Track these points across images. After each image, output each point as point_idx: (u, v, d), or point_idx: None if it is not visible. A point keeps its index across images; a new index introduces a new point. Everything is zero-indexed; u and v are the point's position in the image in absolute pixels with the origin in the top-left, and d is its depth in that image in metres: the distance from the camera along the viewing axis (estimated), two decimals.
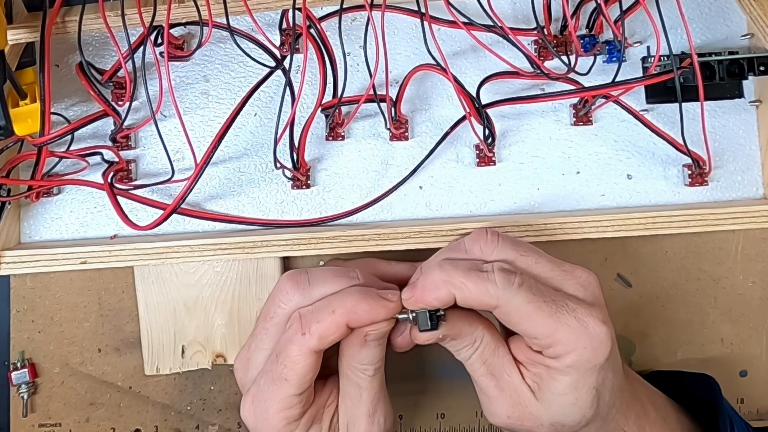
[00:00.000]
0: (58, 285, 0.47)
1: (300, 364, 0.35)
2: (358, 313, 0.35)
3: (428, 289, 0.35)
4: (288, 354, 0.35)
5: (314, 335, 0.35)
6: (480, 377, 0.37)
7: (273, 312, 0.37)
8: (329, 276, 0.37)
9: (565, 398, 0.35)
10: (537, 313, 0.34)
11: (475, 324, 0.36)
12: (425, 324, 0.35)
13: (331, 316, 0.35)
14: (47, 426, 0.46)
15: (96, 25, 0.43)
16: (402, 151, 0.47)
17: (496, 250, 0.36)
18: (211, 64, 0.47)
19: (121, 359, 0.47)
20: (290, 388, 0.35)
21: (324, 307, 0.35)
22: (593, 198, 0.46)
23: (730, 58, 0.44)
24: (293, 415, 0.36)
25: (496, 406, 0.36)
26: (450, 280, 0.35)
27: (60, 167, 0.46)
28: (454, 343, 0.37)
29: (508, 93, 0.46)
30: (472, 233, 0.38)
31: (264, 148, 0.47)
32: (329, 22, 0.45)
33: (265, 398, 0.36)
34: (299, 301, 0.36)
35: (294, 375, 0.35)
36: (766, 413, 0.46)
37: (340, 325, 0.35)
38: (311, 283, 0.37)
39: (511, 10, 0.47)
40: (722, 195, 0.46)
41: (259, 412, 0.36)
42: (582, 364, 0.34)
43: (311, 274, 0.37)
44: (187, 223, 0.46)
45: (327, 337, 0.35)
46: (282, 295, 0.37)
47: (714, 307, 0.46)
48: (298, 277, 0.37)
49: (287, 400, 0.35)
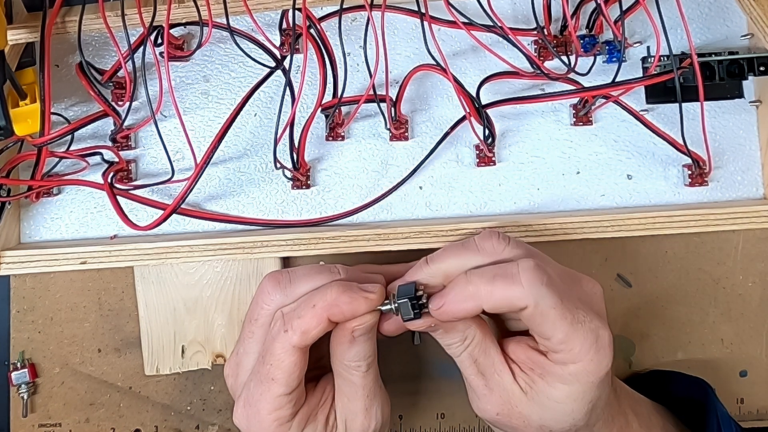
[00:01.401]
0: (58, 285, 0.47)
1: (285, 361, 0.35)
2: (339, 306, 0.35)
3: (456, 302, 0.35)
4: (273, 353, 0.35)
5: (296, 331, 0.34)
6: (469, 375, 0.37)
7: (257, 314, 0.37)
8: (310, 273, 0.37)
9: (561, 407, 0.35)
10: (560, 319, 0.34)
11: (468, 321, 0.36)
12: (408, 313, 0.35)
13: (312, 311, 0.35)
14: (47, 426, 0.46)
15: (96, 25, 0.43)
16: (402, 151, 0.47)
17: (507, 248, 0.36)
18: (211, 64, 0.47)
19: (121, 359, 0.47)
20: (279, 388, 0.35)
21: (305, 302, 0.35)
22: (593, 198, 0.46)
23: (730, 58, 0.44)
24: (285, 415, 0.36)
25: (485, 403, 0.37)
26: (477, 292, 0.34)
27: (60, 167, 0.46)
28: (445, 337, 0.36)
29: (508, 93, 0.46)
30: (482, 233, 0.37)
31: (264, 148, 0.47)
32: (329, 22, 0.45)
33: (256, 401, 0.36)
34: (281, 300, 0.36)
35: (281, 373, 0.35)
36: (766, 413, 0.46)
37: (321, 319, 0.34)
38: (292, 281, 0.37)
39: (511, 10, 0.47)
40: (722, 195, 0.46)
41: (251, 415, 0.36)
42: (585, 376, 0.34)
43: (292, 273, 0.37)
44: (187, 223, 0.46)
45: (309, 332, 0.35)
46: (264, 296, 0.37)
47: (714, 307, 0.46)
48: (278, 277, 0.37)
49: (277, 401, 0.35)
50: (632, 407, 0.40)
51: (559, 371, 0.34)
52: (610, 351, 0.35)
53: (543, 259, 0.37)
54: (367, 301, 0.35)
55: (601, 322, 0.35)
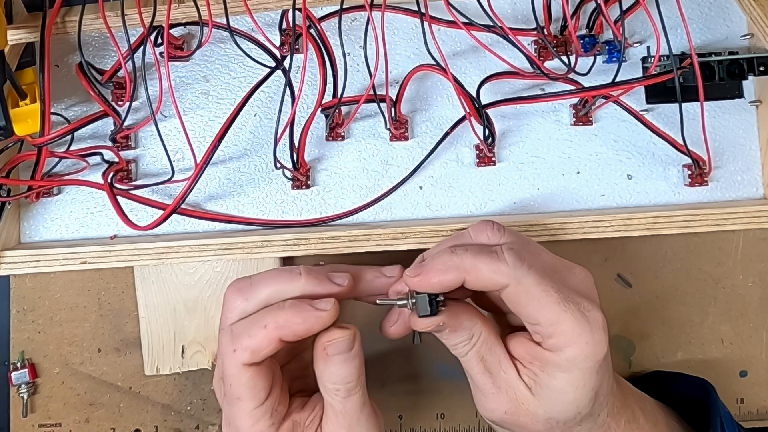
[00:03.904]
0: (58, 285, 0.47)
1: (242, 379, 0.34)
2: (290, 327, 0.34)
3: (436, 271, 0.34)
4: (227, 372, 0.35)
5: (246, 351, 0.34)
6: (476, 374, 0.37)
7: (223, 323, 0.37)
8: (270, 276, 0.36)
9: (563, 396, 0.35)
10: (545, 297, 0.34)
11: (474, 319, 0.36)
12: (425, 309, 0.35)
13: (263, 331, 0.34)
14: (47, 426, 0.46)
15: (96, 25, 0.43)
16: (402, 151, 0.47)
17: (502, 239, 0.36)
18: (211, 64, 0.47)
19: (121, 359, 0.47)
20: (247, 404, 0.35)
21: (256, 321, 0.35)
22: (593, 198, 0.46)
23: (730, 58, 0.44)
24: (264, 428, 0.35)
25: (492, 402, 0.36)
26: (461, 263, 0.34)
27: (60, 167, 0.46)
28: (452, 336, 0.36)
29: (508, 93, 0.46)
30: (477, 224, 0.38)
31: (264, 148, 0.47)
32: (329, 22, 0.45)
33: (233, 419, 0.35)
34: (244, 306, 0.36)
35: (243, 391, 0.34)
36: (766, 413, 0.46)
37: (272, 339, 0.34)
38: (252, 285, 0.36)
39: (511, 10, 0.47)
40: (722, 195, 0.46)
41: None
42: (581, 360, 0.34)
43: (254, 278, 0.37)
44: (187, 223, 0.46)
45: (260, 351, 0.34)
46: (227, 303, 0.36)
47: (714, 307, 0.46)
48: (239, 284, 0.36)
49: (251, 415, 0.35)
50: (638, 402, 0.40)
51: (556, 359, 0.34)
52: (604, 333, 0.34)
53: (536, 247, 0.37)
54: (320, 321, 0.34)
55: (591, 304, 0.35)
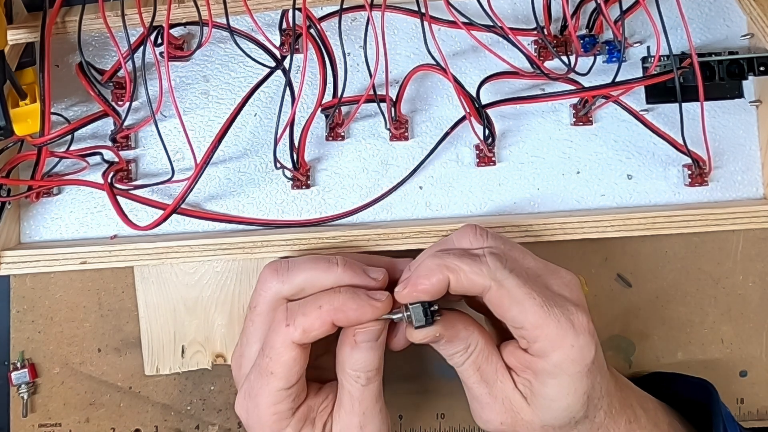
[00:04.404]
0: (58, 285, 0.47)
1: (285, 356, 0.35)
2: (345, 312, 0.35)
3: (422, 275, 0.35)
4: (272, 346, 0.35)
5: (298, 328, 0.35)
6: (473, 384, 0.37)
7: (256, 301, 0.37)
8: (309, 261, 0.37)
9: (556, 403, 0.35)
10: (528, 300, 0.34)
11: (471, 328, 0.36)
12: (420, 319, 0.35)
13: (317, 311, 0.35)
14: (47, 426, 0.46)
15: (96, 25, 0.43)
16: (402, 151, 0.47)
17: (485, 243, 0.37)
18: (211, 64, 0.47)
19: (121, 359, 0.47)
20: (277, 382, 0.35)
21: (312, 301, 0.35)
22: (593, 198, 0.46)
23: (730, 58, 0.44)
24: (283, 410, 0.36)
25: (489, 413, 0.36)
26: (444, 264, 0.35)
27: (60, 167, 0.46)
28: (449, 347, 0.36)
29: (508, 93, 0.46)
30: (460, 228, 0.38)
31: (264, 148, 0.47)
32: (329, 22, 0.45)
33: (255, 393, 0.36)
34: (278, 288, 0.37)
35: (280, 368, 0.35)
36: (766, 413, 0.46)
37: (325, 322, 0.35)
38: (290, 269, 0.37)
39: (511, 10, 0.47)
40: (722, 195, 0.46)
41: (251, 408, 0.36)
42: (568, 365, 0.34)
43: (291, 262, 0.37)
44: (187, 223, 0.46)
45: (311, 331, 0.35)
46: (262, 283, 0.37)
47: (714, 307, 0.46)
48: (277, 265, 0.37)
49: (276, 395, 0.35)
50: (640, 402, 0.40)
51: (545, 365, 0.34)
52: (590, 336, 0.34)
53: (520, 252, 0.37)
54: (374, 309, 0.35)
55: (576, 308, 0.35)
